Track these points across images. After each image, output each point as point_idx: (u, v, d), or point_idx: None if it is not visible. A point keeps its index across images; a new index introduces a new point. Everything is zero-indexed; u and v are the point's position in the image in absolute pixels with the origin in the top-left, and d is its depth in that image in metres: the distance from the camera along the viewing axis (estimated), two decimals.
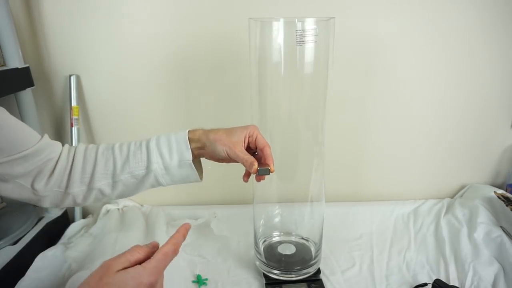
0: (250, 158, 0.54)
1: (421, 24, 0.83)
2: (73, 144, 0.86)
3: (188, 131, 0.56)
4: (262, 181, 0.58)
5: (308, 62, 0.60)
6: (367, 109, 0.91)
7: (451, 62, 0.87)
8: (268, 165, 0.55)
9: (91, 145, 0.56)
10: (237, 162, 0.56)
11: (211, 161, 0.93)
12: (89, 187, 0.54)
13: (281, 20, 0.57)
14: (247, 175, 0.58)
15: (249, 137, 0.56)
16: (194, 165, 0.55)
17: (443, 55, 0.86)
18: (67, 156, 0.54)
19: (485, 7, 0.82)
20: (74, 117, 0.85)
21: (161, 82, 0.87)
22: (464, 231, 0.81)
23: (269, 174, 0.54)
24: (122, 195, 0.57)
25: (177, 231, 0.47)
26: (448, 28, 0.84)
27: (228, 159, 0.55)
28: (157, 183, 0.56)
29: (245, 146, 0.56)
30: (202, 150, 0.56)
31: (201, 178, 0.59)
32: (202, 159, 0.61)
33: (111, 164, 0.54)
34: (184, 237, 0.47)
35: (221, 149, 0.54)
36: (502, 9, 0.82)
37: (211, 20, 0.82)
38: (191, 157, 0.54)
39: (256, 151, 0.58)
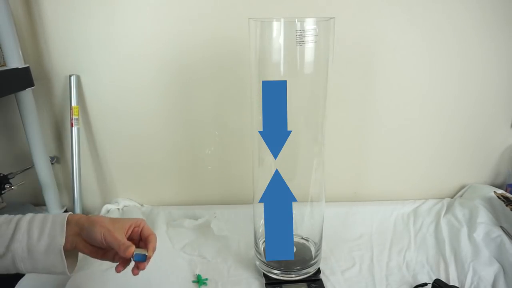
0: (128, 242, 0.49)
1: (421, 24, 0.83)
2: (73, 145, 0.87)
3: (70, 214, 0.50)
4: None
5: (308, 62, 0.60)
6: (367, 109, 0.91)
7: (451, 62, 0.87)
8: (146, 250, 0.50)
9: None
10: (112, 249, 0.50)
11: (211, 161, 0.94)
12: None
13: (281, 20, 0.57)
14: (121, 264, 0.51)
15: (134, 227, 0.52)
16: (68, 255, 0.48)
17: (443, 55, 0.86)
18: None
19: (485, 7, 0.82)
20: (74, 117, 0.85)
21: (161, 82, 0.87)
22: (464, 231, 0.81)
23: (145, 260, 0.50)
24: None
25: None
26: (448, 28, 0.84)
27: (104, 244, 0.48)
28: (14, 268, 0.47)
29: (128, 234, 0.51)
30: (76, 237, 0.49)
31: (70, 271, 0.50)
32: None
33: None
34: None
35: (99, 231, 0.48)
36: (503, 9, 0.82)
37: (211, 20, 0.82)
38: (62, 242, 0.47)
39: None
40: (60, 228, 0.47)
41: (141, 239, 0.53)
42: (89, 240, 0.49)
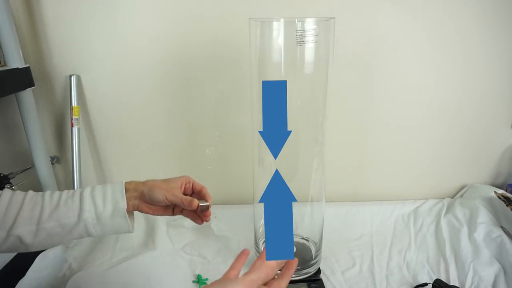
0: (188, 197, 0.57)
1: (421, 23, 0.83)
2: (74, 145, 0.87)
3: (125, 182, 0.57)
4: (206, 218, 0.61)
5: (308, 62, 0.60)
6: (367, 109, 0.91)
7: (451, 62, 0.87)
8: (206, 200, 0.58)
9: (19, 191, 0.53)
10: (174, 205, 0.59)
11: (211, 161, 0.94)
12: (8, 234, 0.49)
13: (281, 20, 0.57)
14: (199, 219, 0.61)
15: (185, 184, 0.59)
16: (129, 216, 0.55)
17: (442, 55, 0.86)
18: None
19: (487, 7, 0.82)
20: (75, 117, 0.85)
21: (162, 82, 0.87)
22: (464, 231, 0.81)
23: (208, 208, 0.59)
24: (42, 246, 0.53)
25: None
26: (448, 28, 0.84)
27: (166, 203, 0.57)
28: (86, 234, 0.54)
29: (182, 190, 0.59)
30: (137, 201, 0.57)
31: (133, 229, 0.58)
32: None
33: (37, 210, 0.51)
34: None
35: (159, 193, 0.56)
36: (504, 9, 0.82)
37: (211, 20, 0.82)
38: (125, 206, 0.54)
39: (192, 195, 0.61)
40: (120, 194, 0.55)
41: (193, 192, 0.61)
42: (151, 202, 0.57)
